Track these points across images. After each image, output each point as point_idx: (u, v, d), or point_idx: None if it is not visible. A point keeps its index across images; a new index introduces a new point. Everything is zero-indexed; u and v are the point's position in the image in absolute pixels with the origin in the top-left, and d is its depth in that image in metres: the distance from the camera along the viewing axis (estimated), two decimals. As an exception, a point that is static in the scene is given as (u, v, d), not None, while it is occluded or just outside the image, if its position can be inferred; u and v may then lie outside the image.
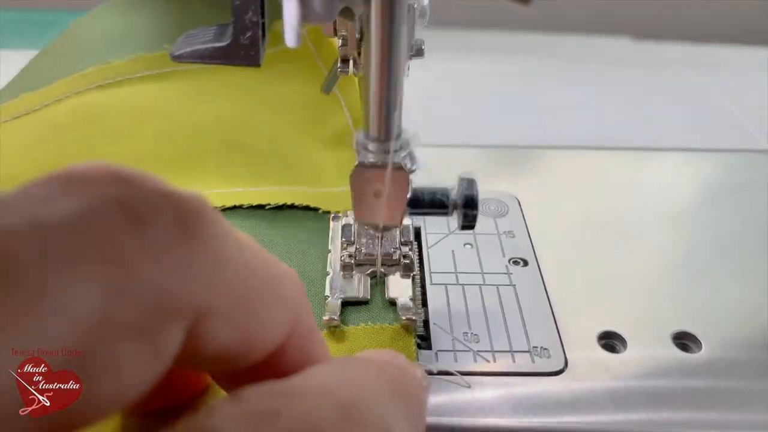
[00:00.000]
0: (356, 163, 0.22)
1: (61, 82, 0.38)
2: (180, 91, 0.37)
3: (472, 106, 0.44)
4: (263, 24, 0.21)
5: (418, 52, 0.25)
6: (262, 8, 0.21)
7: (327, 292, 0.26)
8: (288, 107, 0.38)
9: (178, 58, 0.22)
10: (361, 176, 0.22)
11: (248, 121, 0.36)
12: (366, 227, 0.25)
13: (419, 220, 0.32)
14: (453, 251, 0.30)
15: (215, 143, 0.34)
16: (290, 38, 0.20)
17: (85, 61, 0.39)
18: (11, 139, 0.35)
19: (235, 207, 0.31)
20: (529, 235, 0.31)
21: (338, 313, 0.25)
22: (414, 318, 0.25)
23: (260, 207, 0.31)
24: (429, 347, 0.25)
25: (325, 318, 0.25)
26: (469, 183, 0.24)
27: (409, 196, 0.23)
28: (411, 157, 0.23)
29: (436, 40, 0.62)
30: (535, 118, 0.43)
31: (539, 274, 0.29)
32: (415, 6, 0.23)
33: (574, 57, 0.55)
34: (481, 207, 0.33)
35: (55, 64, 0.40)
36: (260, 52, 0.21)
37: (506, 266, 0.29)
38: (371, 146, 0.22)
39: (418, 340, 0.25)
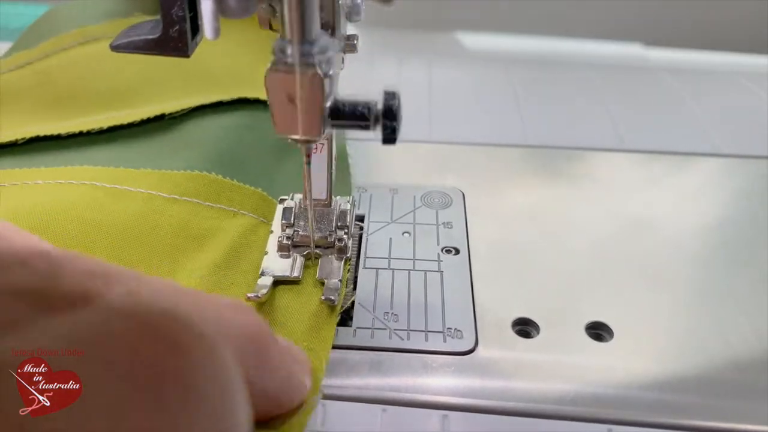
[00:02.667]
0: (268, 66, 0.22)
1: (48, 42, 0.45)
2: None
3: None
4: (193, 17, 0.23)
5: (350, 48, 0.27)
6: (191, 3, 0.23)
7: (261, 270, 0.28)
8: (242, 49, 0.44)
9: (116, 49, 0.24)
10: (274, 79, 0.22)
11: (207, 59, 0.43)
12: (289, 141, 0.24)
13: (364, 208, 0.33)
14: (391, 239, 0.32)
15: (183, 74, 0.42)
16: (208, 31, 0.22)
17: (65, 30, 0.45)
18: (9, 86, 0.42)
19: (199, 107, 0.39)
20: (467, 227, 0.32)
21: (264, 292, 0.27)
22: (332, 298, 0.26)
23: (220, 103, 0.40)
24: (350, 324, 0.27)
25: (249, 295, 0.26)
26: (391, 95, 0.23)
27: (329, 105, 0.23)
28: (329, 61, 0.22)
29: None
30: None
31: (468, 262, 0.30)
32: (340, 2, 0.25)
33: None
34: (425, 199, 0.34)
35: (39, 36, 0.46)
36: (189, 44, 0.23)
37: (438, 254, 0.31)
38: (287, 49, 0.22)
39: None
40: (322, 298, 0.26)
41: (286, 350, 0.21)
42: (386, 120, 0.23)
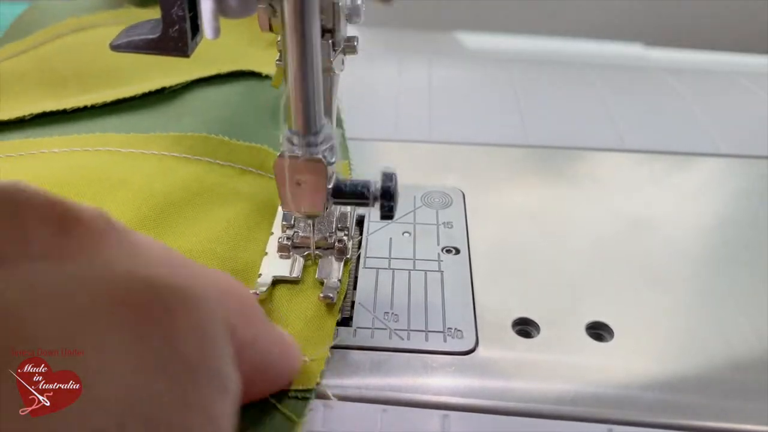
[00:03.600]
0: (278, 154, 0.24)
1: (41, 32, 0.46)
2: None
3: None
4: (193, 17, 0.23)
5: (350, 49, 0.27)
6: (191, 3, 0.23)
7: (261, 270, 0.28)
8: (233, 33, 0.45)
9: (116, 48, 0.24)
10: (282, 166, 0.24)
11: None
12: (295, 214, 0.27)
13: (364, 209, 0.33)
14: (391, 238, 0.32)
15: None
16: (208, 31, 0.22)
17: (56, 21, 0.46)
18: (9, 73, 0.43)
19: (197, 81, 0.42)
20: (467, 227, 0.32)
21: (263, 290, 0.27)
22: (331, 296, 0.26)
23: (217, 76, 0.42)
24: (350, 325, 0.27)
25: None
26: (388, 177, 0.25)
27: (331, 186, 0.25)
28: (332, 150, 0.24)
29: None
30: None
31: (468, 262, 0.30)
32: (340, 4, 0.25)
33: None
34: (425, 199, 0.34)
35: (27, 29, 0.47)
36: (188, 44, 0.23)
37: (438, 254, 0.31)
38: (295, 139, 0.24)
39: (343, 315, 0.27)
40: (321, 296, 0.26)
41: (273, 325, 0.22)
42: (384, 200, 0.25)
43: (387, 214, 0.25)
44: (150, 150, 0.35)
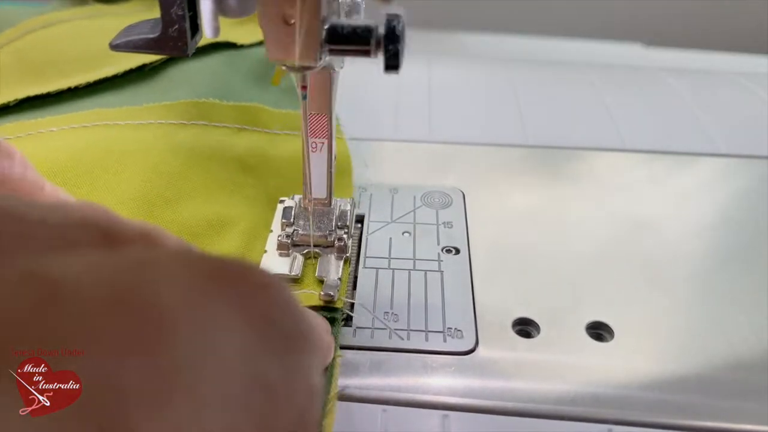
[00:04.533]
0: None
1: (11, 30, 0.46)
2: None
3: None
4: (192, 16, 0.23)
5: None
6: (191, 2, 0.23)
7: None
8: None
9: (115, 48, 0.24)
10: None
11: None
12: (283, 69, 0.23)
13: (364, 208, 0.33)
14: (391, 238, 0.32)
15: None
16: (208, 31, 0.22)
17: (22, 19, 0.46)
18: None
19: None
20: (467, 226, 0.32)
21: None
22: (332, 294, 0.26)
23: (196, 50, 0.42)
24: (350, 324, 0.27)
25: None
26: (393, 17, 0.22)
27: (327, 27, 0.21)
28: None
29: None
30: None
31: (468, 262, 0.30)
32: (340, 1, 0.25)
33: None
34: (425, 199, 0.34)
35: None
36: (188, 43, 0.23)
37: (438, 254, 0.31)
38: None
39: (343, 315, 0.27)
40: (321, 293, 0.26)
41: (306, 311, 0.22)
42: (389, 43, 0.21)
43: (392, 61, 0.21)
44: (146, 120, 0.36)
